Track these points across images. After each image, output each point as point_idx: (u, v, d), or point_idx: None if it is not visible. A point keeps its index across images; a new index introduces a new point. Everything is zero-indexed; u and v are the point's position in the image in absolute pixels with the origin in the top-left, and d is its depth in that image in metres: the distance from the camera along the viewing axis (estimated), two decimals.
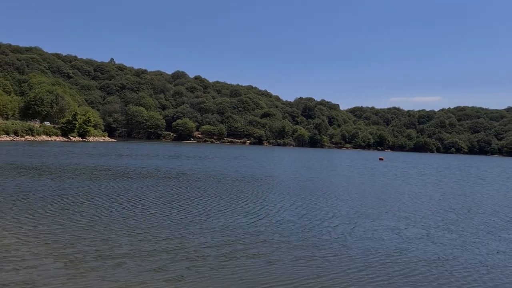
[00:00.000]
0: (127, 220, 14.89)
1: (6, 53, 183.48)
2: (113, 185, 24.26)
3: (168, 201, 19.48)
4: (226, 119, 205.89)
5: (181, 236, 13.00)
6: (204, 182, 28.34)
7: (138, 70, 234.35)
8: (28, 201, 17.44)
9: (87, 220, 14.46)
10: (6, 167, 30.82)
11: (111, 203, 18.22)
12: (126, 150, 73.92)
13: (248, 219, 16.24)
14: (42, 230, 12.86)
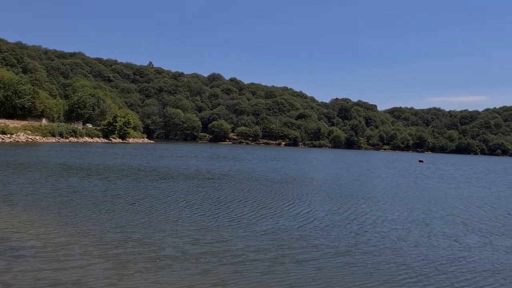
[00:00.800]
0: (174, 221, 14.70)
1: (52, 59, 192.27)
2: (158, 186, 24.37)
3: (213, 203, 19.25)
4: (261, 120, 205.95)
5: (228, 239, 12.67)
6: (247, 184, 28.03)
7: (175, 73, 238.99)
8: (80, 201, 17.68)
9: (135, 221, 14.40)
10: (57, 168, 31.81)
11: (158, 204, 18.17)
12: (166, 151, 75.25)
13: (295, 223, 15.70)
14: (93, 230, 12.89)
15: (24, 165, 32.38)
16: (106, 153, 56.43)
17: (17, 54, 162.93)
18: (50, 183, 22.70)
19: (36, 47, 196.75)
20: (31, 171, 28.17)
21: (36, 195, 18.61)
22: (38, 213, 14.83)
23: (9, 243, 10.90)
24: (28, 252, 10.26)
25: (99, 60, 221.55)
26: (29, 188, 20.64)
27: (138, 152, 64.48)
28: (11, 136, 74.29)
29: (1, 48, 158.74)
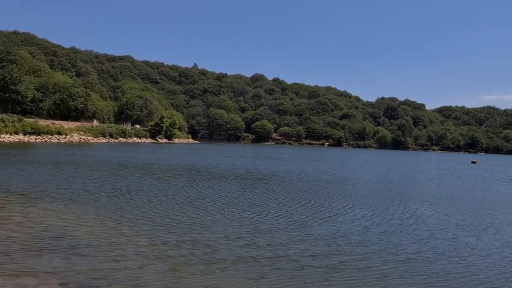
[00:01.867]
0: (227, 223, 14.40)
1: (102, 62, 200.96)
2: (211, 186, 24.31)
3: (266, 204, 18.79)
4: (304, 120, 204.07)
5: (283, 243, 12.13)
6: (297, 185, 27.41)
7: (219, 74, 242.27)
8: (137, 201, 17.80)
9: (190, 222, 14.23)
10: (114, 167, 32.78)
11: (211, 204, 17.97)
12: (212, 151, 76.27)
13: (353, 227, 14.93)
14: (148, 229, 12.80)
15: (83, 164, 33.59)
16: (156, 153, 58.02)
17: (71, 59, 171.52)
18: (109, 183, 23.19)
19: (88, 51, 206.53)
20: (91, 170, 29.11)
21: (96, 194, 18.97)
22: (97, 212, 15.02)
23: (67, 241, 11.02)
24: (84, 250, 10.29)
25: (146, 63, 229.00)
26: (91, 187, 21.13)
27: (186, 152, 65.74)
28: (66, 137, 77.99)
29: (57, 54, 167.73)
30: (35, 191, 18.64)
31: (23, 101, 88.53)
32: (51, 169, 28.21)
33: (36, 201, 16.45)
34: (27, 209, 14.75)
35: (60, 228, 12.27)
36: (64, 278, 8.43)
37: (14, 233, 11.46)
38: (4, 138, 62.55)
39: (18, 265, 9.00)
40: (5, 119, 67.57)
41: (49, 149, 51.01)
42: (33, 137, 69.46)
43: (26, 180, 21.99)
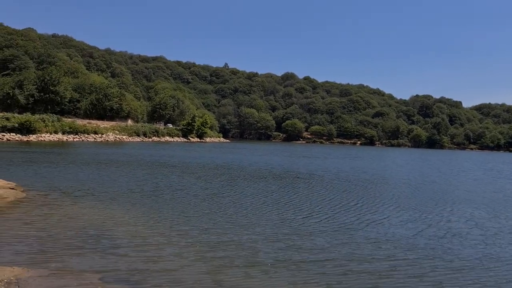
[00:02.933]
0: (268, 224, 13.98)
1: (136, 63, 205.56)
2: (250, 185, 24.02)
3: (308, 205, 18.20)
4: (336, 119, 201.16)
5: (327, 246, 11.59)
6: (338, 184, 26.68)
7: (249, 73, 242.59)
8: (177, 200, 17.69)
9: (230, 222, 13.91)
10: (155, 166, 33.07)
11: (252, 204, 17.63)
12: (245, 150, 76.49)
13: (401, 230, 14.15)
14: (188, 230, 12.57)
15: (124, 163, 34.10)
16: (190, 152, 58.76)
17: (106, 60, 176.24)
18: (150, 181, 23.25)
19: (123, 52, 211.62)
20: (132, 169, 29.47)
21: (138, 193, 19.01)
22: (138, 211, 14.98)
23: (107, 240, 10.95)
24: (124, 250, 10.16)
25: (178, 63, 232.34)
26: (133, 185, 21.23)
27: (220, 151, 66.28)
28: (102, 136, 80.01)
29: (93, 55, 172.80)
30: (78, 190, 18.89)
31: (61, 101, 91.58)
32: (94, 168, 28.70)
33: (79, 199, 16.62)
34: (69, 207, 14.88)
35: (101, 226, 12.27)
36: (104, 277, 8.34)
37: (56, 230, 11.54)
38: (44, 137, 64.79)
39: (59, 262, 9.00)
40: (46, 119, 69.98)
41: (89, 148, 52.45)
42: (71, 136, 71.62)
43: (70, 179, 22.38)
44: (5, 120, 61.00)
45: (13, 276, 7.54)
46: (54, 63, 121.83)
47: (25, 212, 13.50)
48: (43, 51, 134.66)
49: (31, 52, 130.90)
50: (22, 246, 9.97)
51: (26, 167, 26.63)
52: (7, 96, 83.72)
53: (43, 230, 11.50)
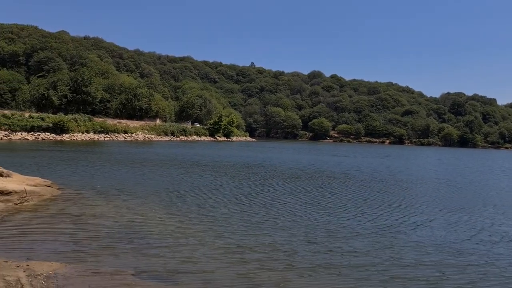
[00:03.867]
0: (306, 225, 13.49)
1: (164, 63, 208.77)
2: (286, 185, 23.58)
3: (346, 206, 17.64)
4: (364, 118, 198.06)
5: (367, 250, 11.05)
6: (375, 184, 25.90)
7: (276, 72, 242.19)
8: (212, 200, 17.47)
9: (266, 224, 13.47)
10: (188, 165, 33.09)
11: (289, 205, 17.11)
12: (273, 149, 76.36)
13: (447, 233, 13.40)
14: (223, 231, 12.30)
15: (157, 162, 34.47)
16: (219, 150, 59.50)
17: (135, 61, 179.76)
18: (185, 181, 23.23)
19: (151, 53, 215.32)
20: (167, 168, 29.68)
21: (174, 193, 18.95)
22: (173, 210, 14.88)
23: (141, 238, 10.88)
24: (157, 249, 10.05)
25: (205, 63, 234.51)
26: (168, 185, 21.23)
27: (248, 150, 66.70)
28: (131, 135, 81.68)
29: (123, 56, 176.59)
30: (113, 188, 19.07)
31: (93, 101, 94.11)
32: (128, 166, 29.01)
33: (113, 197, 16.75)
34: (104, 205, 15.02)
35: (135, 225, 12.26)
36: (138, 273, 8.35)
37: (90, 227, 11.64)
38: (77, 137, 66.71)
39: (94, 258, 9.07)
40: (78, 118, 72.08)
41: (121, 147, 53.61)
42: (102, 136, 73.47)
43: (105, 177, 22.72)
44: (41, 120, 63.19)
45: (51, 270, 7.75)
46: (86, 64, 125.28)
47: (60, 210, 13.84)
48: (75, 53, 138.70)
49: (64, 54, 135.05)
50: (59, 243, 10.17)
51: (61, 165, 27.39)
52: (42, 97, 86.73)
53: (78, 227, 11.68)
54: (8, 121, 57.75)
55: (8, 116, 59.72)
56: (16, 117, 60.27)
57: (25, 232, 10.94)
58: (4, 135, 54.76)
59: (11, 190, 15.04)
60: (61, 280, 7.41)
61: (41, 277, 7.29)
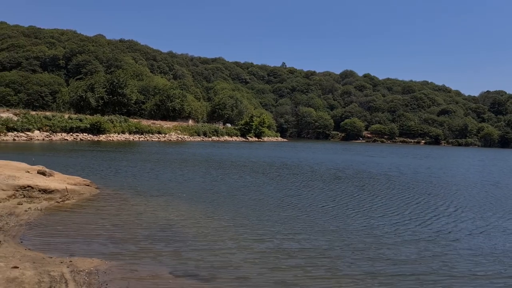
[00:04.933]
0: (351, 230, 12.79)
1: (197, 65, 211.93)
2: (328, 186, 22.88)
3: (392, 210, 16.64)
4: (398, 117, 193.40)
5: (420, 257, 10.36)
6: (420, 186, 24.70)
7: (307, 72, 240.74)
8: (252, 202, 16.95)
9: (310, 227, 12.87)
10: (226, 165, 33.23)
11: (332, 208, 16.36)
12: (308, 149, 75.80)
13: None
14: (263, 234, 11.81)
15: (195, 162, 34.80)
16: (254, 150, 59.43)
17: (169, 63, 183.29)
18: (225, 181, 23.11)
19: (184, 55, 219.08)
20: (207, 168, 29.84)
21: (212, 193, 18.81)
22: (211, 211, 14.68)
23: (178, 238, 10.87)
24: (194, 252, 9.87)
25: (236, 63, 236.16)
26: (208, 185, 21.14)
27: (282, 150, 66.44)
28: (165, 136, 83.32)
29: (157, 58, 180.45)
30: (151, 188, 19.19)
31: (128, 103, 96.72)
32: (168, 167, 29.16)
33: (151, 197, 16.86)
34: (142, 204, 15.16)
35: (172, 225, 12.25)
36: (175, 271, 8.38)
37: (128, 226, 11.77)
38: (113, 137, 68.72)
39: (132, 256, 9.14)
40: (114, 120, 74.24)
41: (157, 147, 54.60)
42: (137, 136, 75.31)
43: (143, 177, 22.94)
44: (79, 121, 65.50)
45: (92, 267, 8.00)
46: (121, 67, 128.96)
47: (99, 208, 14.23)
48: (111, 56, 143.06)
49: (100, 57, 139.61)
50: (98, 240, 10.40)
51: (99, 165, 28.21)
52: (80, 98, 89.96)
53: (116, 225, 11.94)
54: (49, 122, 60.19)
55: (49, 117, 62.24)
56: (56, 118, 62.71)
57: (67, 229, 11.31)
58: (46, 136, 57.12)
59: (54, 188, 15.65)
60: (102, 276, 7.63)
61: (83, 273, 7.54)
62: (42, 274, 6.87)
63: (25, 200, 13.86)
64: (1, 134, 50.90)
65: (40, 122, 58.56)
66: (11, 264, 7.09)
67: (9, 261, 7.26)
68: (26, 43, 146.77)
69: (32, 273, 6.78)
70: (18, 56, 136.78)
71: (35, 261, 7.67)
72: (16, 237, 9.97)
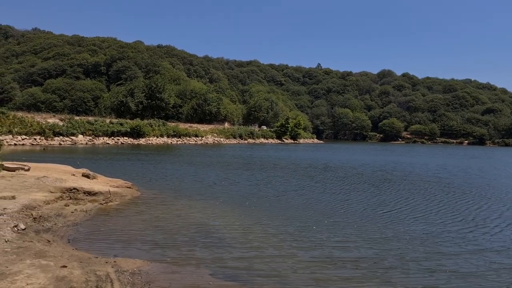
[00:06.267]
0: (407, 239, 11.73)
1: (232, 68, 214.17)
2: (379, 190, 21.65)
3: (454, 216, 15.39)
4: (439, 117, 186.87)
5: (494, 271, 9.34)
6: (483, 190, 22.92)
7: (343, 72, 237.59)
8: (299, 207, 16.20)
9: (360, 235, 11.92)
10: (269, 167, 33.10)
11: (385, 214, 15.32)
12: (344, 150, 74.73)
13: None
14: (309, 242, 10.94)
15: (237, 165, 34.90)
16: (293, 152, 59.14)
17: (205, 67, 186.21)
18: (271, 184, 22.60)
19: (220, 58, 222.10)
20: (249, 170, 29.75)
21: (257, 197, 18.35)
22: (255, 216, 14.26)
23: (219, 242, 10.82)
24: (235, 261, 9.50)
25: (271, 66, 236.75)
26: (253, 189, 20.75)
27: (320, 151, 65.92)
28: (201, 139, 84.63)
29: (193, 62, 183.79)
30: (192, 190, 19.31)
31: (166, 107, 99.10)
32: (211, 170, 29.23)
33: (192, 200, 16.87)
34: (183, 207, 15.32)
35: (213, 228, 12.28)
36: (215, 273, 8.38)
37: (169, 228, 11.91)
38: (152, 141, 70.56)
39: (173, 257, 9.26)
40: (153, 123, 76.32)
41: (195, 150, 55.44)
42: (174, 139, 76.95)
43: (184, 180, 23.16)
44: (120, 126, 67.74)
45: (135, 267, 8.18)
46: (159, 72, 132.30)
47: (141, 210, 14.55)
48: (150, 61, 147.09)
49: (139, 62, 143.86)
50: (140, 241, 10.57)
51: (140, 168, 28.96)
52: (121, 103, 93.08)
53: (157, 227, 12.12)
54: (92, 127, 62.63)
55: (92, 122, 64.80)
56: (98, 123, 65.18)
57: (111, 230, 11.64)
58: (89, 140, 59.43)
59: (97, 191, 16.21)
60: (144, 276, 7.79)
61: (127, 273, 7.73)
62: (89, 273, 7.10)
63: (71, 201, 14.42)
64: (48, 139, 53.45)
65: (84, 127, 61.05)
66: (60, 263, 7.38)
67: (58, 260, 7.56)
68: (70, 51, 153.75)
69: (80, 272, 7.03)
70: (63, 64, 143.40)
71: (82, 260, 7.94)
72: (64, 237, 10.38)
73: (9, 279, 6.29)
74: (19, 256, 7.48)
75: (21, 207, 11.68)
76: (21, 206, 11.77)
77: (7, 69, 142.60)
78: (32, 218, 11.17)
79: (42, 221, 11.30)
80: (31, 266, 7.00)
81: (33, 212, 11.74)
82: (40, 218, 11.42)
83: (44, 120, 58.99)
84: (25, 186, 14.75)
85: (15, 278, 6.35)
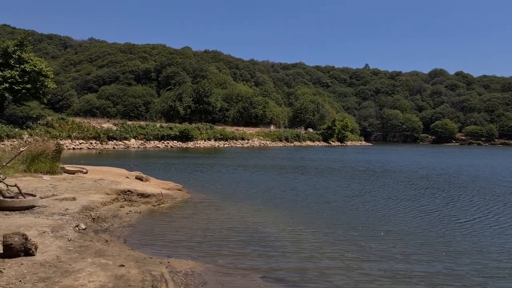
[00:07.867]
0: (485, 251, 10.60)
1: (277, 71, 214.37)
2: (449, 197, 20.48)
3: None
4: (497, 117, 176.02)
5: None
6: None
7: (392, 72, 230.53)
8: (360, 215, 15.19)
9: (431, 246, 10.84)
10: (324, 171, 32.69)
11: (462, 224, 13.93)
12: (398, 153, 72.13)
13: None
14: (368, 253, 10.17)
15: (289, 168, 34.83)
16: (343, 155, 58.24)
17: (250, 70, 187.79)
18: (328, 190, 21.56)
19: (265, 62, 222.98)
20: (308, 175, 29.26)
21: (319, 203, 17.70)
22: (311, 222, 13.60)
23: (270, 246, 10.75)
24: (287, 267, 9.17)
25: (317, 68, 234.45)
26: (313, 194, 20.09)
27: (371, 154, 64.66)
28: (248, 141, 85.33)
29: (239, 66, 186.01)
30: (243, 194, 19.37)
31: (213, 111, 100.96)
32: (267, 173, 29.17)
33: (243, 203, 16.87)
34: (233, 209, 15.38)
35: (264, 232, 12.20)
36: (265, 277, 8.31)
37: (220, 230, 12.05)
38: (200, 144, 72.13)
39: (224, 259, 9.30)
40: (200, 127, 78.03)
41: (246, 153, 56.08)
42: (221, 143, 78.18)
43: (235, 182, 23.36)
44: (169, 130, 69.91)
45: (188, 268, 8.35)
46: (206, 76, 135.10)
47: (192, 212, 14.85)
48: (197, 66, 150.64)
49: (187, 68, 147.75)
50: (192, 243, 10.75)
51: (189, 170, 29.62)
52: (170, 108, 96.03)
53: (208, 229, 12.26)
54: (143, 131, 65.10)
55: (143, 126, 67.36)
56: (149, 127, 67.64)
57: (163, 231, 11.98)
58: (141, 144, 61.81)
59: (150, 193, 16.78)
60: (197, 278, 7.92)
61: (180, 274, 7.91)
62: (145, 273, 7.34)
63: (126, 203, 15.02)
64: (103, 143, 56.19)
65: (136, 131, 63.61)
66: (118, 262, 7.69)
67: (116, 260, 7.88)
68: (122, 58, 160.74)
69: (136, 272, 7.28)
70: (116, 71, 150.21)
71: (137, 260, 8.23)
72: (120, 237, 10.82)
73: (73, 276, 6.64)
74: (81, 254, 7.88)
75: (81, 208, 12.33)
76: (81, 207, 12.42)
77: (66, 78, 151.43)
78: (91, 219, 11.75)
79: (100, 221, 11.86)
80: (92, 264, 7.35)
81: (92, 213, 12.35)
82: (98, 219, 11.99)
83: (99, 125, 62.06)
84: (84, 188, 15.56)
85: (78, 275, 6.69)
